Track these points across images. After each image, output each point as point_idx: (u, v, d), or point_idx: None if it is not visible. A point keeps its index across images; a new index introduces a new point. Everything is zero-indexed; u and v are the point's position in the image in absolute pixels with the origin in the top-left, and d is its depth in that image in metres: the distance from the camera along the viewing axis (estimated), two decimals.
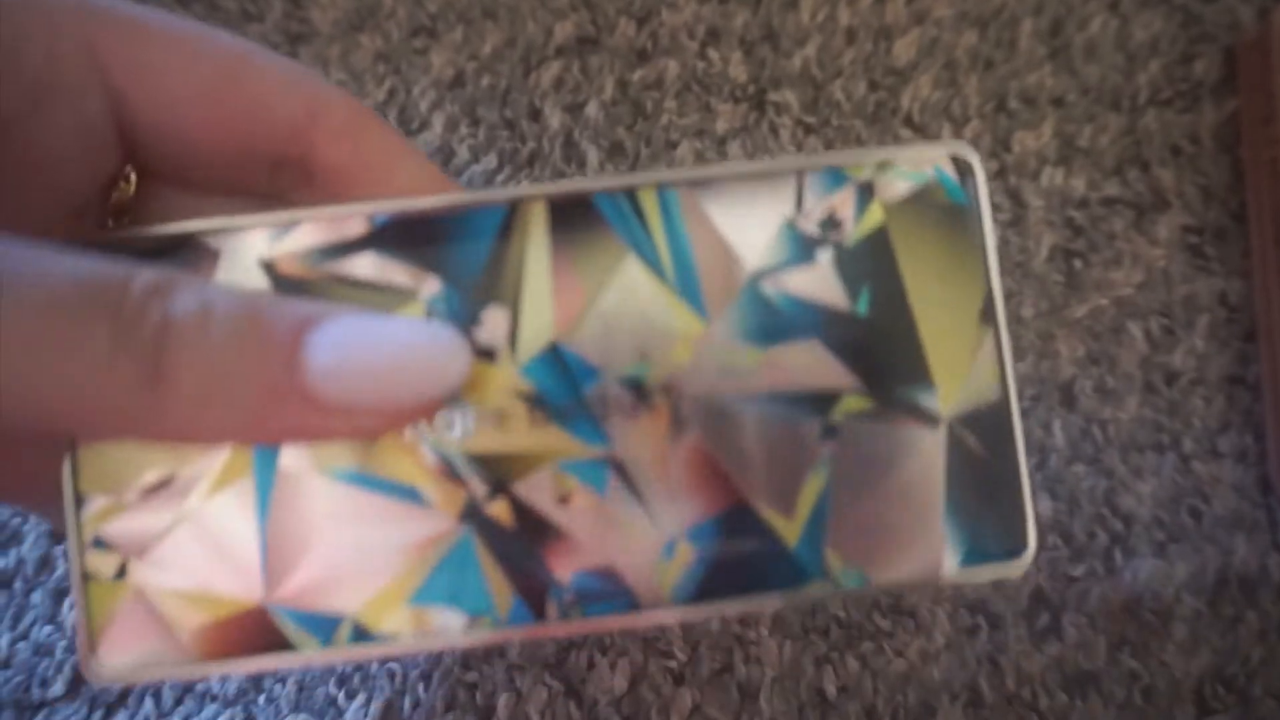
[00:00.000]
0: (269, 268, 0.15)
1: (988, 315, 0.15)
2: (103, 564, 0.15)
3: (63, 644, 0.24)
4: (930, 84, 0.31)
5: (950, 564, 0.15)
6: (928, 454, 0.15)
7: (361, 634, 0.15)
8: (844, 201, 0.15)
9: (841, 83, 0.30)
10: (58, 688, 0.23)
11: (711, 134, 0.30)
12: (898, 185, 0.15)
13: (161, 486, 0.15)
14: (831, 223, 0.15)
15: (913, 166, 0.16)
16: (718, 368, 0.15)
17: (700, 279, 0.15)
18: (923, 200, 0.15)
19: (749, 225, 0.15)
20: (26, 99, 0.15)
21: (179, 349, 0.12)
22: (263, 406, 0.13)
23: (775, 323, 0.15)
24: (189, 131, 0.16)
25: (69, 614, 0.24)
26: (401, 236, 0.15)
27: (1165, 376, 0.27)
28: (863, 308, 0.15)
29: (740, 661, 0.23)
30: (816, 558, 0.15)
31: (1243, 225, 0.29)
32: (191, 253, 0.15)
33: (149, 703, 0.23)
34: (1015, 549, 0.15)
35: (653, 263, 0.15)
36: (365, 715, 0.23)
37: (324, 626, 0.15)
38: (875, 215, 0.15)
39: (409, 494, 0.15)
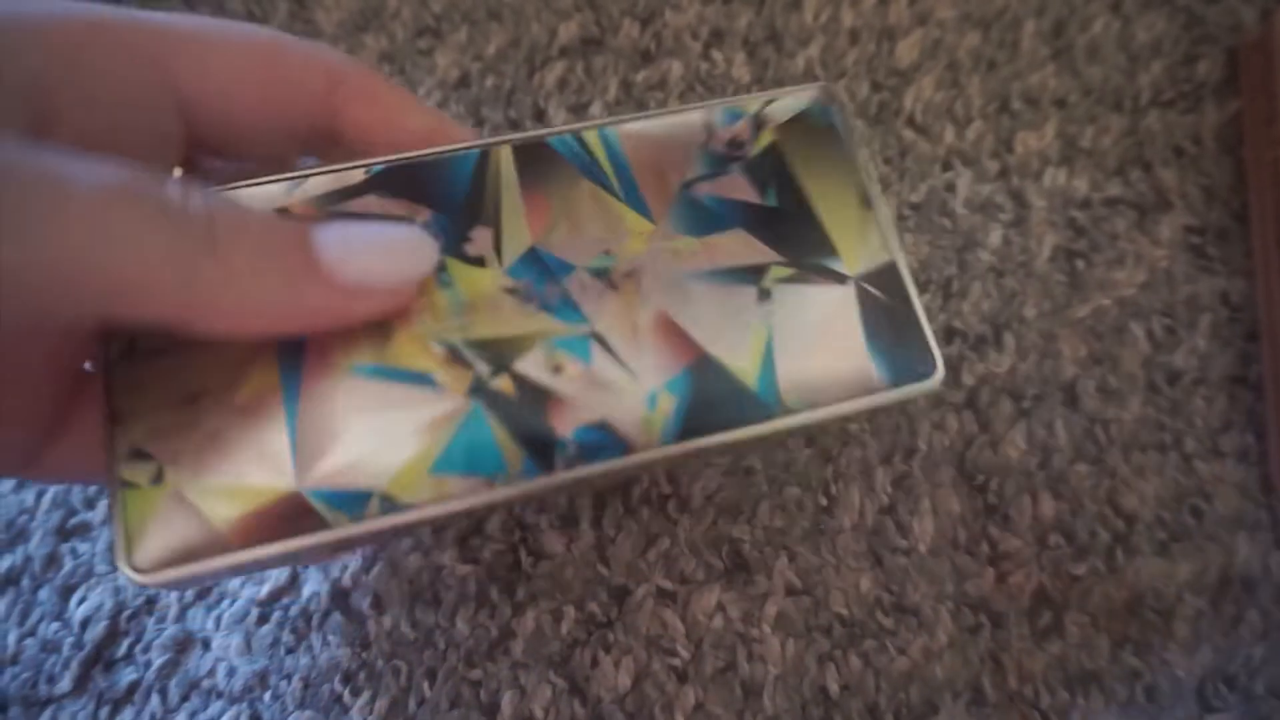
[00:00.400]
0: (284, 212, 0.18)
1: (866, 202, 0.19)
2: (140, 473, 0.16)
3: (70, 640, 0.24)
4: (933, 85, 0.31)
5: (878, 387, 0.18)
6: (844, 305, 0.19)
7: (389, 505, 0.16)
8: (743, 129, 0.20)
9: (845, 83, 0.30)
10: (65, 684, 0.23)
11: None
12: (781, 115, 0.20)
13: (196, 399, 0.17)
14: (735, 144, 0.20)
15: (792, 99, 0.20)
16: (668, 255, 0.19)
17: (642, 191, 0.19)
18: (802, 124, 0.20)
19: (673, 151, 0.19)
20: (113, 115, 0.17)
21: (226, 229, 0.14)
22: (294, 283, 0.15)
23: (707, 217, 0.19)
24: (241, 115, 0.18)
25: (76, 610, 0.24)
26: (396, 181, 0.18)
27: (1167, 376, 0.27)
28: (772, 201, 0.19)
29: (744, 659, 0.23)
30: (773, 394, 0.18)
31: (1245, 225, 0.29)
32: None
33: (155, 699, 0.23)
34: (927, 370, 0.18)
35: (603, 183, 0.19)
36: (370, 713, 0.23)
37: (354, 502, 0.16)
38: (768, 136, 0.20)
39: (422, 379, 0.17)
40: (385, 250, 0.17)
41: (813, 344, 0.18)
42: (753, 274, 0.19)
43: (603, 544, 0.25)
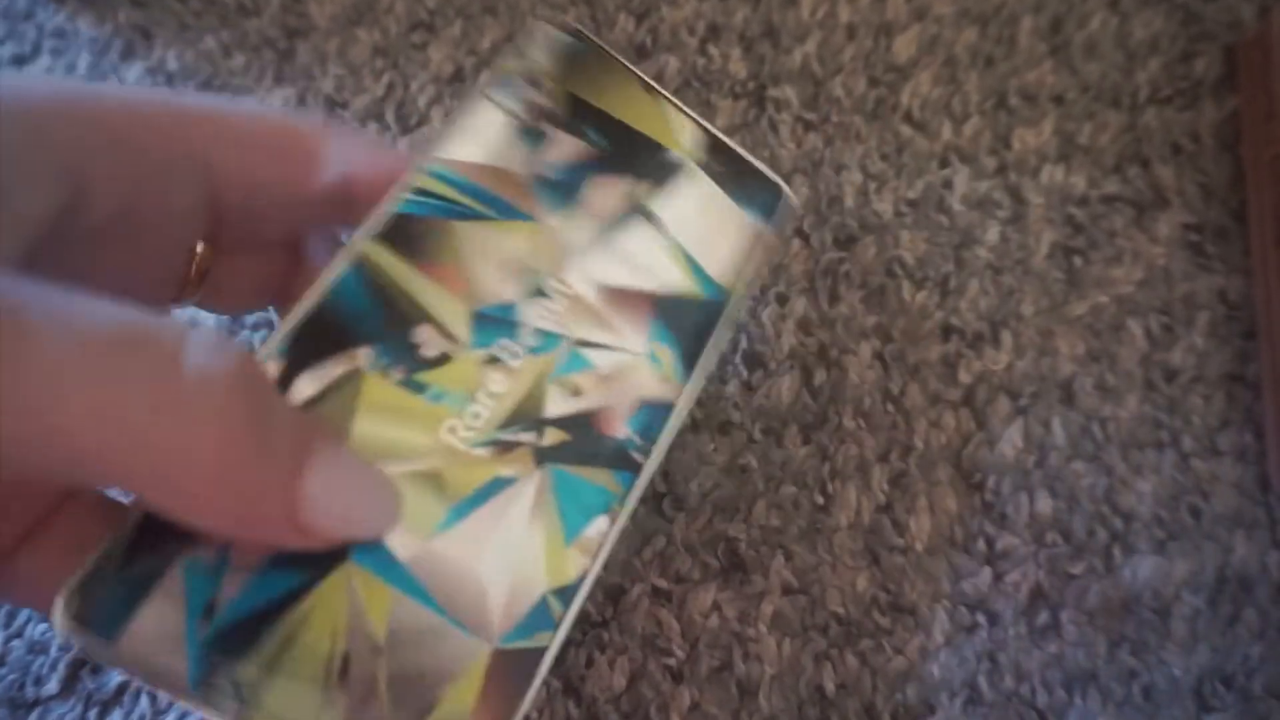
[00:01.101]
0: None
1: (649, 89, 0.21)
2: None
3: (57, 642, 0.23)
4: (930, 81, 0.30)
5: (763, 228, 0.21)
6: (702, 182, 0.21)
7: (563, 594, 0.17)
8: (529, 92, 0.20)
9: (842, 79, 0.30)
10: (52, 686, 0.23)
11: None
12: (546, 61, 0.21)
13: (346, 667, 0.16)
14: (534, 109, 0.20)
15: (540, 45, 0.21)
16: (568, 238, 0.19)
17: (503, 199, 0.19)
18: (566, 58, 0.21)
19: (504, 151, 0.20)
20: (144, 189, 0.17)
21: (217, 406, 0.13)
22: (259, 520, 0.14)
23: (566, 187, 0.20)
24: (260, 187, 0.19)
25: None
26: (314, 338, 0.17)
27: (1165, 374, 0.27)
28: (597, 139, 0.20)
29: (739, 659, 0.23)
30: (716, 289, 0.20)
31: (1243, 223, 0.29)
32: None
33: (144, 701, 0.23)
34: (779, 194, 0.21)
35: (468, 215, 0.19)
36: None
37: (539, 616, 0.17)
38: (551, 85, 0.20)
39: (496, 486, 0.17)
40: (364, 511, 0.16)
41: (706, 230, 0.21)
42: (631, 207, 0.20)
43: None
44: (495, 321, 0.18)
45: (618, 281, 0.19)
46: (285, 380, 0.17)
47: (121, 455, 0.13)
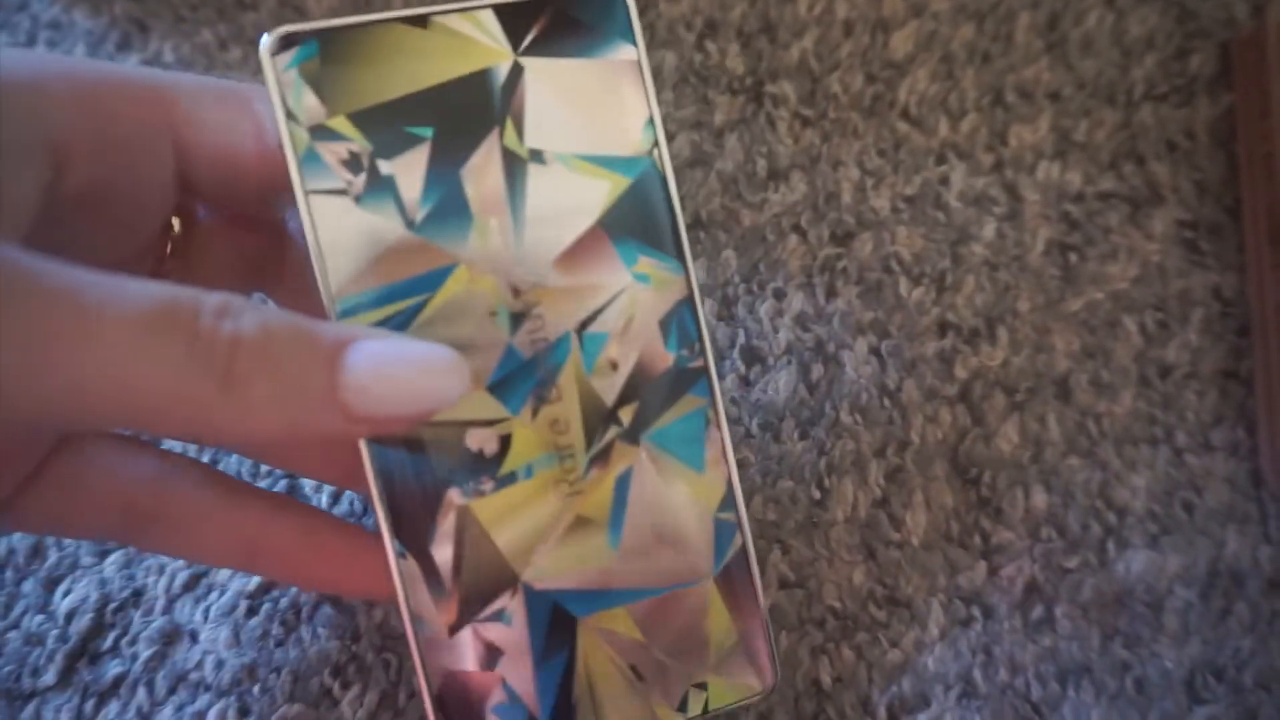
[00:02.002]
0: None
1: (417, 19, 0.18)
2: None
3: (54, 633, 0.23)
4: (927, 77, 0.31)
5: (628, 54, 0.19)
6: (536, 67, 0.18)
7: (726, 506, 0.20)
8: (330, 154, 0.18)
9: (839, 75, 0.30)
10: (49, 677, 0.23)
11: (709, 126, 0.30)
12: (311, 101, 0.18)
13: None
14: (352, 166, 0.18)
15: (282, 77, 0.18)
16: (489, 248, 0.18)
17: (418, 275, 0.18)
18: (316, 73, 0.18)
19: (367, 239, 0.18)
20: (116, 158, 0.17)
21: (247, 362, 0.14)
22: (308, 410, 0.15)
23: (446, 204, 0.18)
24: (231, 165, 0.19)
25: (61, 602, 0.24)
26: (412, 525, 0.19)
27: (1159, 370, 0.27)
28: (422, 131, 0.18)
29: None
30: (631, 161, 0.19)
31: (1237, 220, 0.29)
32: None
33: (142, 692, 0.23)
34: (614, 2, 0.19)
35: (406, 315, 0.18)
36: (360, 706, 0.23)
37: (725, 533, 0.20)
38: (341, 122, 0.18)
39: (624, 479, 0.19)
40: (413, 382, 0.16)
41: (580, 112, 0.19)
42: (506, 162, 0.18)
43: None
44: (509, 379, 0.18)
45: (558, 245, 0.18)
46: (424, 562, 0.18)
47: (152, 412, 0.14)
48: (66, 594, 0.24)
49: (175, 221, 0.20)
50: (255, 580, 0.24)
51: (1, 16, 0.32)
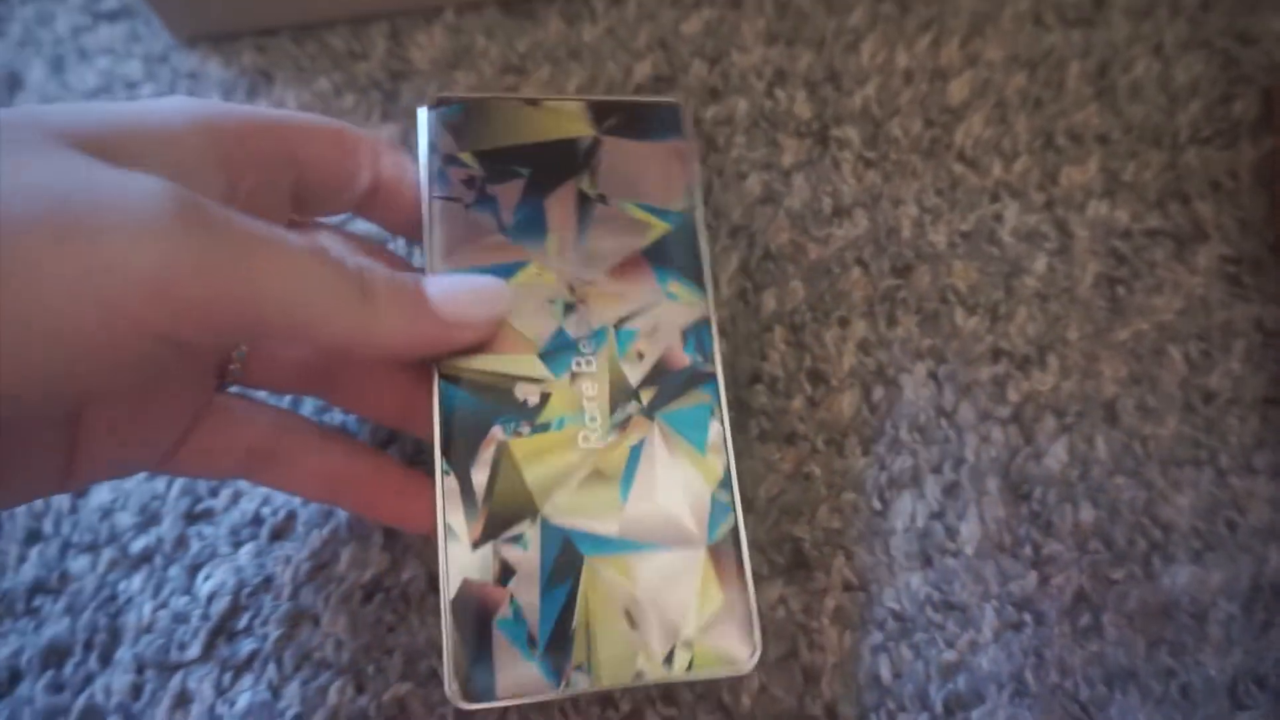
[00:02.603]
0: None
1: (533, 101, 0.26)
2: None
3: (197, 613, 0.26)
4: (982, 122, 0.33)
5: (678, 143, 0.27)
6: (615, 143, 0.26)
7: (724, 485, 0.23)
8: (454, 174, 0.25)
9: (899, 120, 0.33)
10: (194, 651, 0.26)
11: (778, 166, 0.32)
12: (448, 140, 0.26)
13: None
14: (469, 183, 0.25)
15: (431, 124, 0.26)
16: (558, 255, 0.24)
17: (503, 265, 0.24)
18: (456, 123, 0.26)
19: (470, 234, 0.25)
20: (262, 179, 0.23)
21: (371, 280, 0.21)
22: (415, 318, 0.21)
23: (530, 221, 0.25)
24: (327, 181, 0.24)
25: (203, 586, 0.27)
26: (462, 444, 0.23)
27: (1203, 396, 0.29)
28: (523, 170, 0.25)
29: (804, 648, 0.26)
30: (674, 214, 0.26)
31: (1278, 256, 0.31)
32: None
33: (272, 667, 0.26)
34: (677, 112, 0.27)
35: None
36: None
37: (721, 509, 0.23)
38: (467, 155, 0.25)
39: (638, 448, 0.23)
40: (473, 295, 0.23)
41: (640, 177, 0.26)
42: (581, 199, 0.25)
43: None
44: (558, 351, 0.23)
45: (609, 261, 0.24)
46: (463, 482, 0.22)
47: (320, 321, 0.20)
48: (207, 579, 0.27)
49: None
50: (370, 571, 0.27)
51: (146, 68, 0.36)
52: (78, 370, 0.16)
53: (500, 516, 0.22)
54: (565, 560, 0.22)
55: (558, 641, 0.21)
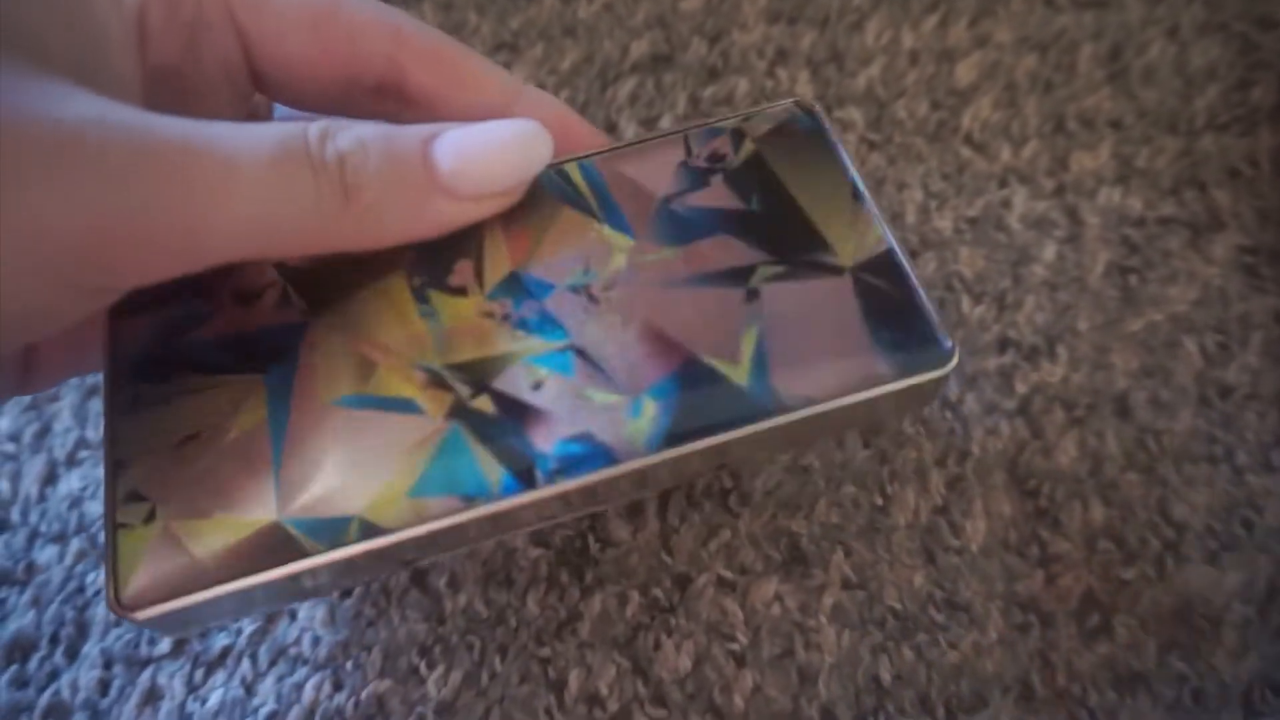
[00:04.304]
0: (281, 266, 0.19)
1: (857, 196, 0.20)
2: (133, 514, 0.17)
3: None
4: (990, 105, 0.32)
5: (884, 377, 0.18)
6: (841, 295, 0.18)
7: (368, 530, 0.17)
8: (722, 143, 0.20)
9: (904, 102, 0.32)
10: (164, 646, 0.25)
11: None
12: (761, 126, 0.20)
13: (189, 440, 0.17)
14: (716, 157, 0.20)
15: (769, 114, 0.21)
16: (649, 265, 0.19)
17: (622, 210, 0.19)
18: (783, 131, 0.20)
19: (654, 172, 0.20)
20: (184, 38, 0.19)
21: (354, 173, 0.16)
22: (417, 203, 0.17)
23: (688, 227, 0.19)
24: (296, 61, 0.20)
25: None
26: None
27: (1220, 390, 0.28)
28: (755, 205, 0.19)
29: (801, 647, 0.25)
30: (766, 391, 0.18)
31: None
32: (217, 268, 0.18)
33: (246, 663, 0.25)
34: (936, 355, 0.18)
35: (584, 209, 0.19)
36: (445, 685, 0.24)
37: (333, 529, 0.17)
38: (749, 147, 0.20)
39: (404, 405, 0.18)
40: (499, 153, 0.18)
41: (808, 338, 0.18)
42: (739, 275, 0.19)
43: (667, 534, 0.26)
44: (522, 289, 0.19)
45: (663, 324, 0.18)
46: None
47: (291, 239, 0.17)
48: None
49: (258, 113, 0.22)
50: None
51: None
52: (14, 327, 0.15)
53: None
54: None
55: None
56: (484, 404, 0.18)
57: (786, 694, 0.24)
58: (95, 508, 0.27)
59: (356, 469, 0.17)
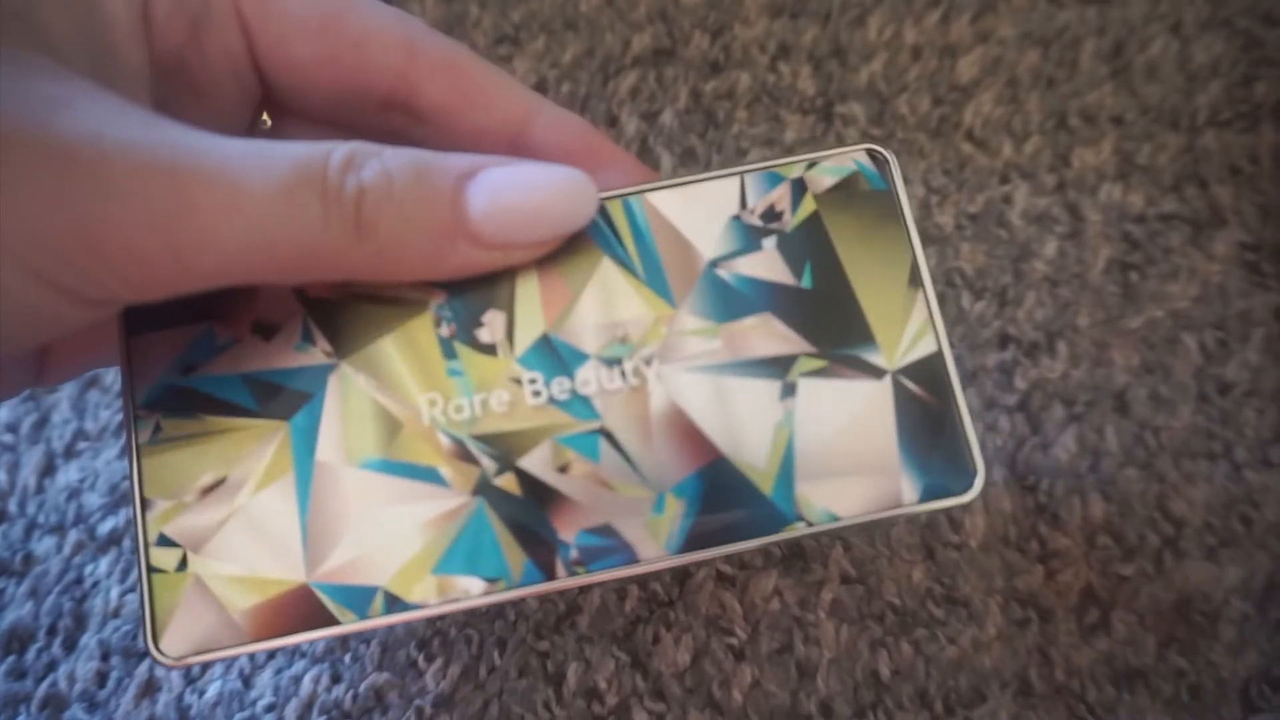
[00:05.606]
0: (302, 296, 0.18)
1: (915, 279, 0.18)
2: (166, 558, 0.17)
3: None
4: (992, 100, 0.32)
5: (910, 496, 0.17)
6: (878, 402, 0.17)
7: (393, 603, 0.17)
8: (781, 196, 0.18)
9: (906, 97, 0.32)
10: None
11: (780, 143, 0.31)
12: (825, 179, 0.18)
13: (216, 487, 0.17)
14: (772, 214, 0.18)
15: (836, 164, 0.19)
16: (687, 343, 0.18)
17: (665, 271, 0.18)
18: (847, 189, 0.18)
19: (702, 223, 0.18)
20: (189, 29, 0.18)
21: (372, 208, 0.15)
22: (438, 246, 0.16)
23: (732, 301, 0.18)
24: (301, 65, 0.19)
25: None
26: None
27: (1219, 387, 0.28)
28: (806, 282, 0.18)
29: (799, 642, 0.25)
30: (789, 501, 0.17)
31: None
32: (239, 289, 0.18)
33: (243, 656, 0.25)
34: (965, 479, 0.17)
35: (624, 262, 0.18)
36: (443, 678, 0.24)
37: (360, 598, 0.17)
38: (809, 205, 0.18)
39: (429, 475, 0.17)
40: (538, 203, 0.17)
41: (839, 448, 0.17)
42: (778, 366, 0.18)
43: None
44: (554, 355, 0.18)
45: (695, 414, 0.18)
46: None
47: (294, 267, 0.16)
48: None
49: (266, 118, 0.20)
50: None
51: None
52: (8, 333, 0.15)
53: None
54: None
55: (180, 399, 0.18)
56: (509, 483, 0.17)
57: (785, 689, 0.24)
58: (93, 499, 0.27)
59: (382, 538, 0.17)
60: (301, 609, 0.17)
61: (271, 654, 0.25)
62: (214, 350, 0.18)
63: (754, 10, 0.33)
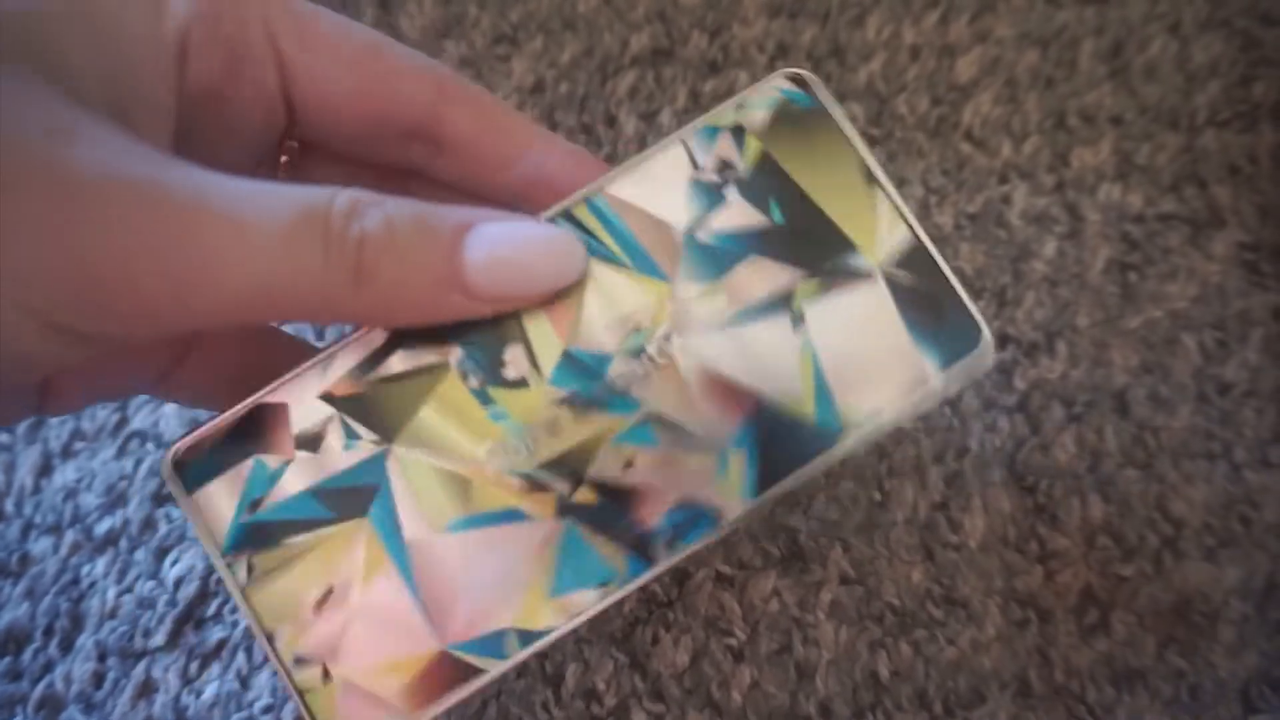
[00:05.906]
0: (329, 398, 0.18)
1: (870, 177, 0.19)
2: (309, 677, 0.18)
3: (164, 598, 0.25)
4: (991, 100, 0.32)
5: (932, 371, 0.18)
6: (875, 298, 0.19)
7: (526, 636, 0.18)
8: (726, 146, 0.19)
9: (905, 97, 0.32)
10: (159, 639, 0.25)
11: None
12: (758, 114, 0.19)
13: (326, 598, 0.18)
14: (724, 165, 0.19)
15: (763, 96, 0.19)
16: (693, 308, 0.19)
17: (649, 252, 0.19)
18: (782, 117, 0.19)
19: (665, 197, 0.19)
20: (225, 65, 0.18)
21: (373, 256, 0.16)
22: (433, 295, 0.17)
23: (719, 258, 0.19)
24: (333, 96, 0.19)
25: (170, 570, 0.26)
26: (417, 331, 0.18)
27: (1218, 387, 0.28)
28: (777, 216, 0.19)
29: (799, 643, 0.24)
30: (834, 415, 0.18)
31: None
32: (267, 415, 0.18)
33: (241, 656, 0.25)
34: (972, 338, 0.18)
35: (610, 258, 0.19)
36: None
37: (494, 644, 0.18)
38: (754, 145, 0.19)
39: (512, 515, 0.18)
40: (530, 259, 0.18)
41: (858, 352, 0.18)
42: (781, 300, 0.19)
43: None
44: (582, 367, 0.18)
45: (726, 370, 0.18)
46: (384, 350, 0.18)
47: (292, 309, 0.16)
48: (175, 563, 0.26)
49: (294, 147, 0.21)
50: None
51: None
52: (14, 370, 0.15)
53: None
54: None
55: (265, 534, 0.18)
56: (586, 496, 0.18)
57: (784, 689, 0.24)
58: (90, 500, 0.26)
59: (493, 585, 0.18)
60: (448, 672, 0.18)
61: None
62: (271, 479, 0.18)
63: (752, 10, 0.33)
